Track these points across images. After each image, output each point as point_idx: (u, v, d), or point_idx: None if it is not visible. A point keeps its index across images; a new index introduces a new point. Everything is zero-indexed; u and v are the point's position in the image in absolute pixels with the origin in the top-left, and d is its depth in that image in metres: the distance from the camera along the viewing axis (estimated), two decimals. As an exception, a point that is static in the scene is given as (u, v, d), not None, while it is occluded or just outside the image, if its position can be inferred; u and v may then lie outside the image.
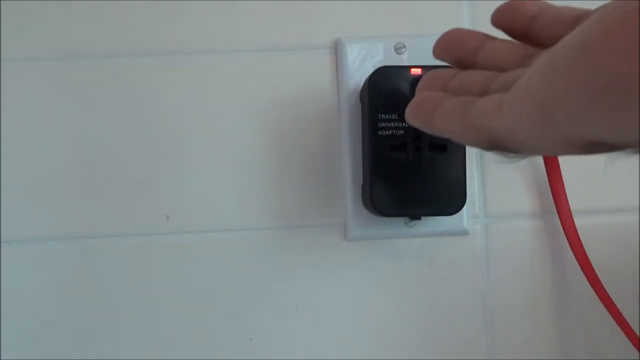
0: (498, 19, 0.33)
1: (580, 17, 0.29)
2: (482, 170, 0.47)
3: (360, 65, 0.46)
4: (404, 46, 0.46)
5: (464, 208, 0.43)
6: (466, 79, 0.32)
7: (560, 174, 0.45)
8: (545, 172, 0.45)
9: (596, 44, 0.22)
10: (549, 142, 0.26)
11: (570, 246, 0.45)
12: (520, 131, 0.26)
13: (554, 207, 0.45)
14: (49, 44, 0.45)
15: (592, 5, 0.26)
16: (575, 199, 0.45)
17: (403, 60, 0.46)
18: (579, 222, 0.45)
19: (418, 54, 0.46)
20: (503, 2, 0.32)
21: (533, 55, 0.31)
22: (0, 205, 0.45)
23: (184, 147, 0.46)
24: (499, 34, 0.33)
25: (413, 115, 0.32)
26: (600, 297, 0.44)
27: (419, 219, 0.44)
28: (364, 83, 0.43)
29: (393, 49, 0.46)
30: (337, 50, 0.46)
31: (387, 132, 0.42)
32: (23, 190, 0.45)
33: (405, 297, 0.47)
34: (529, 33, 0.32)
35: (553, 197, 0.45)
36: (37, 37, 0.45)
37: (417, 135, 0.42)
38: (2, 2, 0.45)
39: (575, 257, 0.44)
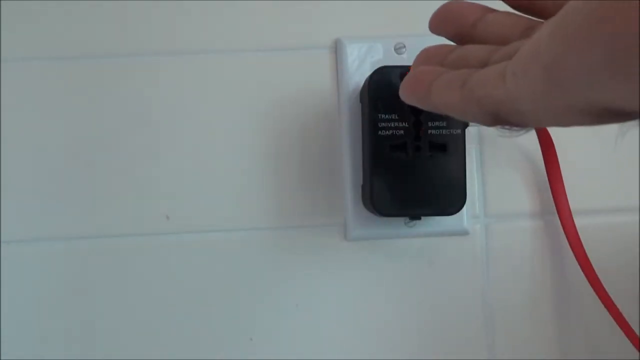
0: None
1: None
2: (482, 170, 0.47)
3: (360, 65, 0.46)
4: (404, 46, 0.46)
5: (464, 208, 0.43)
6: (465, 53, 0.30)
7: (560, 174, 0.45)
8: (545, 172, 0.45)
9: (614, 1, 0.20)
10: (556, 110, 0.24)
11: (570, 246, 0.44)
12: (525, 99, 0.25)
13: (554, 207, 0.45)
14: (49, 44, 0.45)
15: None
16: (575, 199, 0.45)
17: (403, 60, 0.45)
18: (579, 222, 0.45)
19: (418, 54, 0.45)
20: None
21: (535, 27, 0.29)
22: (0, 205, 0.45)
23: (184, 147, 0.46)
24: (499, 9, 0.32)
25: (408, 91, 0.30)
26: (600, 297, 0.44)
27: (419, 219, 0.44)
28: (364, 83, 0.43)
29: (393, 49, 0.46)
30: (337, 50, 0.46)
31: (387, 132, 0.42)
32: (23, 190, 0.45)
33: (405, 297, 0.47)
34: (531, 3, 0.30)
35: (553, 197, 0.45)
36: (37, 37, 0.45)
37: (417, 135, 0.42)
38: (2, 2, 0.45)
39: (575, 257, 0.44)
